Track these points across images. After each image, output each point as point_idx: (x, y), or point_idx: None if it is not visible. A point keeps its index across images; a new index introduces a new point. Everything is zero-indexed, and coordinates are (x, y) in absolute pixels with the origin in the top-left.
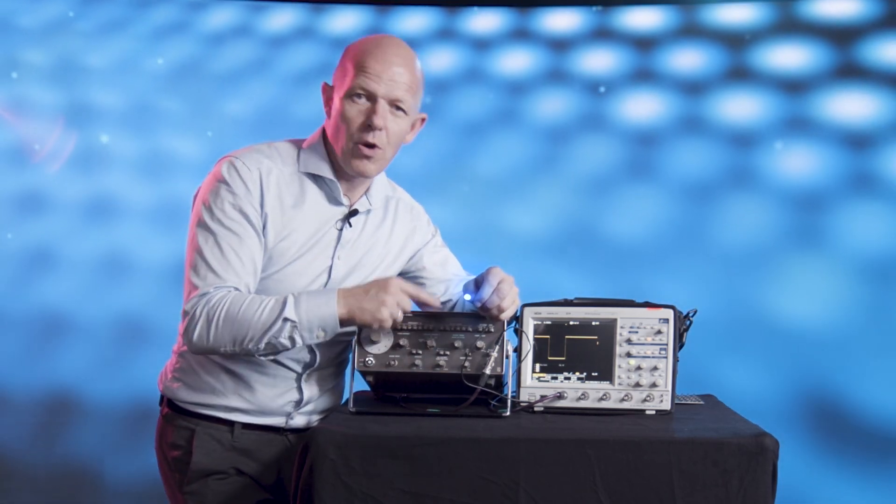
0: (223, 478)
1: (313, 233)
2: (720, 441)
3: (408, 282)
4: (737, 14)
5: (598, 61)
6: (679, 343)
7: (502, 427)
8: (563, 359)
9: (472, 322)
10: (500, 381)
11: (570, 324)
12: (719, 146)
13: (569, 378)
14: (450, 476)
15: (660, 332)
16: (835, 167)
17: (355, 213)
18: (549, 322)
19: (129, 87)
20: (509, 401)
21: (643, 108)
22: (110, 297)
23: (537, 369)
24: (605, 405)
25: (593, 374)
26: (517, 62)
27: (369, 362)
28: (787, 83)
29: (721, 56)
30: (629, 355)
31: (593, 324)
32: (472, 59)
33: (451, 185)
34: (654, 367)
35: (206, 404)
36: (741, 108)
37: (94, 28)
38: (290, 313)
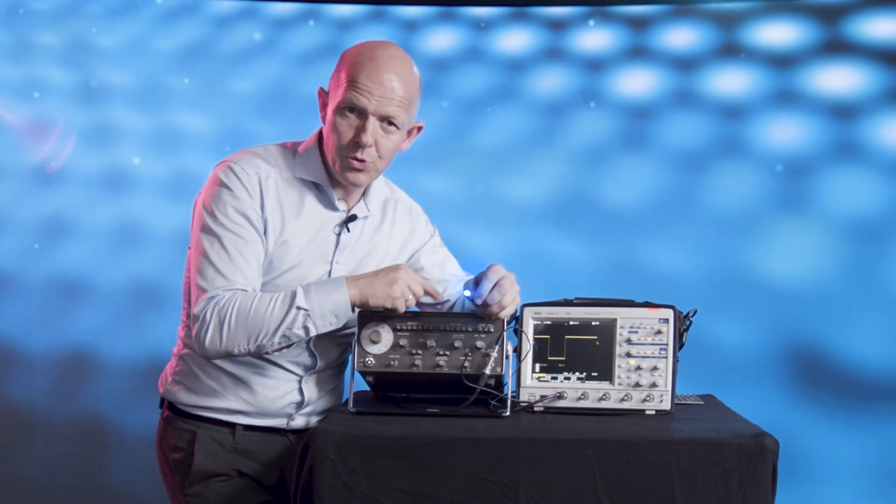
0: (225, 480)
1: (311, 238)
2: (720, 441)
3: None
4: None
5: (595, 40)
6: (679, 343)
7: (502, 427)
8: (563, 359)
9: (472, 322)
10: (499, 381)
11: (570, 324)
12: (709, 118)
13: (569, 378)
14: (450, 476)
15: (660, 332)
16: (819, 136)
17: (353, 218)
18: (549, 322)
19: (139, 67)
20: (509, 401)
21: (637, 83)
22: (124, 263)
23: (537, 369)
24: (604, 405)
25: (593, 374)
26: (516, 41)
27: (369, 362)
28: (776, 58)
29: (712, 34)
30: (629, 355)
31: (593, 324)
32: (473, 39)
33: (452, 158)
34: (654, 367)
35: (207, 407)
36: (731, 82)
37: (105, 11)
38: (301, 302)
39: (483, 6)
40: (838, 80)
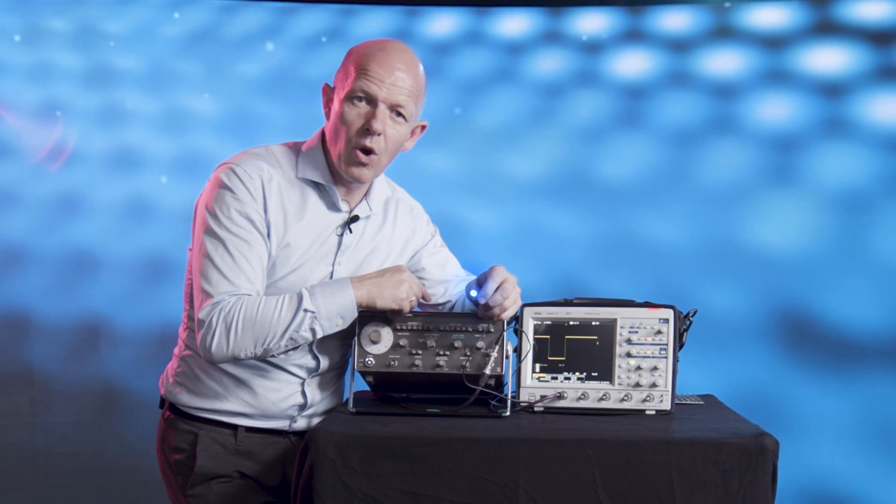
0: (226, 481)
1: (314, 240)
2: (720, 441)
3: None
4: None
5: (592, 24)
6: (679, 343)
7: (502, 427)
8: (563, 359)
9: (472, 322)
10: (500, 381)
11: (570, 324)
12: (702, 97)
13: (569, 378)
14: (450, 476)
15: (660, 332)
16: (807, 113)
17: (356, 219)
18: (549, 322)
19: (147, 52)
20: (509, 401)
21: (633, 64)
22: (135, 238)
23: (537, 369)
24: (604, 405)
25: (593, 374)
26: (515, 25)
27: (369, 362)
28: (767, 39)
29: (705, 16)
30: (629, 355)
31: (593, 324)
32: (473, 23)
33: (453, 136)
34: (654, 367)
35: (208, 409)
36: (723, 62)
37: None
38: (308, 305)
39: None
40: (827, 59)
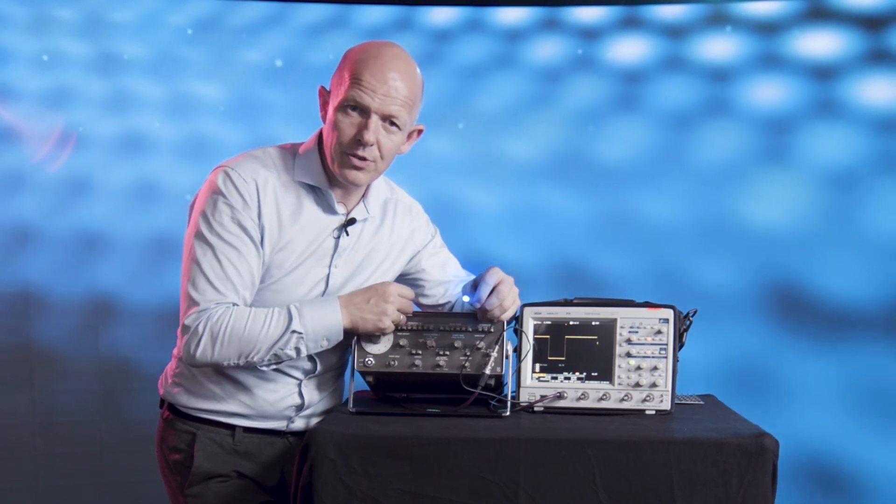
0: (224, 481)
1: (310, 243)
2: (720, 441)
3: (403, 286)
4: None
5: (590, 12)
6: (679, 343)
7: (502, 427)
8: (563, 359)
9: (472, 322)
10: (499, 381)
11: (570, 324)
12: (698, 81)
13: (569, 378)
14: (450, 476)
15: (660, 332)
16: (799, 96)
17: (352, 222)
18: (549, 322)
19: (153, 40)
20: (509, 401)
21: (630, 49)
22: (142, 219)
23: (537, 369)
24: (604, 405)
25: (593, 374)
26: (514, 14)
27: (369, 363)
28: (760, 25)
29: (701, 3)
30: (629, 355)
31: (593, 324)
32: (473, 12)
33: (453, 121)
34: (654, 367)
35: (206, 409)
36: (717, 47)
37: None
38: (296, 326)
39: None
40: (819, 44)
